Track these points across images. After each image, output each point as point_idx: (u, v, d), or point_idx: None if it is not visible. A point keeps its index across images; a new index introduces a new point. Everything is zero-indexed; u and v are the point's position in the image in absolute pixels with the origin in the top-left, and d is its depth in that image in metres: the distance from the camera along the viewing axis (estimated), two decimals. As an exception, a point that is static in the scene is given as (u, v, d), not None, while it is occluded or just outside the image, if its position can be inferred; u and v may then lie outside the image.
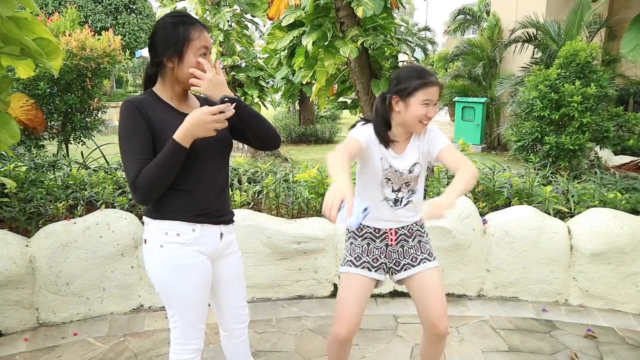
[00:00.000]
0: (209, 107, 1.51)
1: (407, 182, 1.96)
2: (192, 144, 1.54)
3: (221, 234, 1.75)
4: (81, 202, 3.25)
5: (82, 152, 4.69)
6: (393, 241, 2.00)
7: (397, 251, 2.01)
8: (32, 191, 3.21)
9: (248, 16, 9.32)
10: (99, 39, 5.16)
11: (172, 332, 1.73)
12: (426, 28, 21.18)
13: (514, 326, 2.99)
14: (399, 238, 2.01)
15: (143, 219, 1.68)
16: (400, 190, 1.96)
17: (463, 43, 11.04)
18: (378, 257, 1.99)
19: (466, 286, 3.33)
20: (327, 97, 7.94)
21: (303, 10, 6.36)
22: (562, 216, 3.45)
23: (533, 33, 8.46)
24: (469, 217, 3.21)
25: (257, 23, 10.61)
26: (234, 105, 1.57)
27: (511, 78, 8.53)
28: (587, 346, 2.77)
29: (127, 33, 20.02)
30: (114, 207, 3.22)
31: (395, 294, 3.32)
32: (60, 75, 4.77)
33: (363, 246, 2.00)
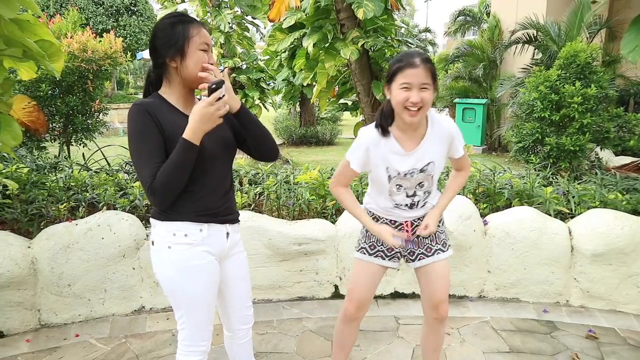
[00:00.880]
0: (206, 99, 1.52)
1: (421, 183, 1.89)
2: (200, 148, 1.54)
3: (227, 233, 1.76)
4: (83, 204, 3.26)
5: (84, 154, 4.70)
6: (409, 232, 2.00)
7: (413, 241, 2.02)
8: (34, 193, 3.22)
9: (249, 18, 9.35)
10: (100, 41, 5.19)
11: (180, 334, 1.73)
12: (427, 29, 21.22)
13: (515, 327, 2.99)
14: (415, 229, 2.01)
15: (150, 221, 1.69)
16: (415, 194, 1.91)
17: (463, 44, 11.05)
18: (392, 247, 2.00)
19: (467, 287, 3.33)
20: (328, 99, 7.97)
21: (304, 12, 6.38)
22: (563, 217, 3.45)
23: (533, 34, 8.48)
24: (470, 219, 3.21)
25: (258, 25, 10.63)
26: (221, 86, 1.55)
27: (511, 79, 8.54)
28: (588, 347, 2.77)
29: (128, 35, 20.05)
30: (116, 209, 3.23)
31: (396, 295, 3.33)
32: (61, 77, 4.79)
33: None
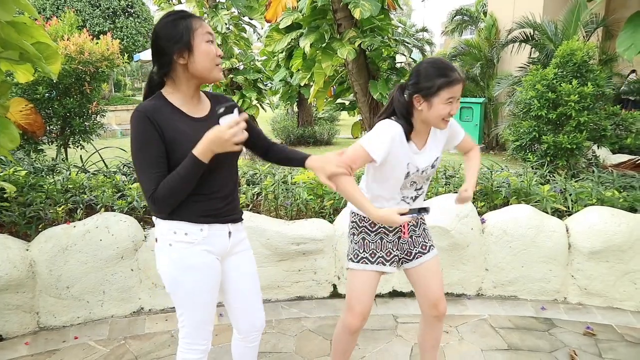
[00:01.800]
0: (225, 123, 1.49)
1: (428, 178, 2.00)
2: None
3: (229, 233, 1.75)
4: (81, 206, 3.26)
5: (81, 156, 4.70)
6: (406, 234, 2.04)
7: (408, 242, 2.05)
8: (32, 195, 3.22)
9: (246, 19, 9.33)
10: (97, 43, 5.18)
11: (180, 332, 1.75)
12: (424, 29, 21.18)
13: (513, 325, 3.00)
14: (410, 229, 2.06)
15: (153, 220, 1.71)
16: (422, 188, 2.01)
17: (460, 44, 11.05)
18: (391, 251, 2.03)
19: (465, 285, 3.34)
20: (326, 99, 7.96)
21: (300, 12, 6.37)
22: (560, 215, 3.47)
23: (530, 33, 8.49)
24: (468, 217, 3.22)
25: (255, 26, 10.61)
26: (234, 108, 1.54)
27: (509, 78, 8.55)
28: (586, 344, 2.78)
29: (125, 37, 20.00)
30: (114, 211, 3.23)
31: (394, 294, 3.33)
32: (59, 79, 4.79)
33: (377, 241, 2.01)
